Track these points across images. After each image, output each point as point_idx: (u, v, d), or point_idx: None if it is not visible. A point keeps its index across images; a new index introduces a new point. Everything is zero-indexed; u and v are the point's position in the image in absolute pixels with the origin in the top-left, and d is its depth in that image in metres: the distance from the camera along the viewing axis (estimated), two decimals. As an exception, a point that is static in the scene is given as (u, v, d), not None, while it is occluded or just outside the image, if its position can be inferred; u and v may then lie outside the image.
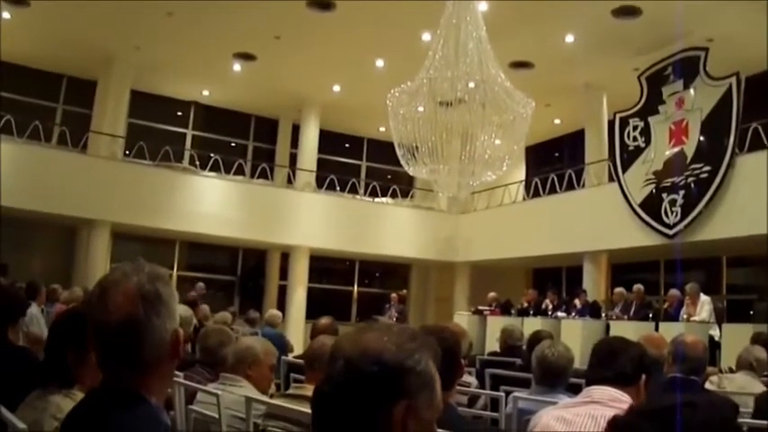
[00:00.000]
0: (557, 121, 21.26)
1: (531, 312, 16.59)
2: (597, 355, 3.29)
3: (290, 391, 4.10)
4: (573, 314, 15.53)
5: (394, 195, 22.82)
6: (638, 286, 14.64)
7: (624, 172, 16.48)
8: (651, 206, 15.67)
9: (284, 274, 21.60)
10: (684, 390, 4.16)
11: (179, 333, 1.86)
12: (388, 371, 1.39)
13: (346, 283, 24.08)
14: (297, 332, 18.25)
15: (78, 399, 2.16)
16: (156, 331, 1.80)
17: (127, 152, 19.69)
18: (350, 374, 1.39)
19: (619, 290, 15.29)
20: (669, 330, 10.41)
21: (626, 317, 14.12)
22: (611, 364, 3.16)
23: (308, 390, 3.74)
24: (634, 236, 16.10)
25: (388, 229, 21.22)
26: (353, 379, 1.39)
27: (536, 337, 6.75)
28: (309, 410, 1.48)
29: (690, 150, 15.02)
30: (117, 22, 16.27)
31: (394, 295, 19.51)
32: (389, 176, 23.65)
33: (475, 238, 21.09)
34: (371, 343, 1.43)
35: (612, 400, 2.98)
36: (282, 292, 21.43)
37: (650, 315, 13.73)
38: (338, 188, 22.00)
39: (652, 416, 1.42)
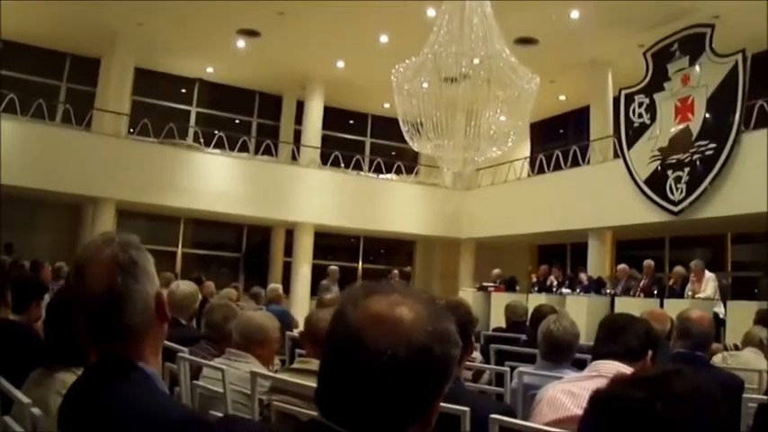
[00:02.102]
0: (562, 98, 21.19)
1: (537, 289, 16.62)
2: (604, 329, 3.29)
3: (295, 365, 4.10)
4: (578, 290, 15.55)
5: (398, 172, 22.85)
6: (648, 262, 14.67)
7: (629, 149, 16.45)
8: (656, 183, 15.66)
9: (289, 250, 21.64)
10: (690, 365, 4.16)
11: (161, 295, 1.87)
12: (442, 365, 1.31)
13: (351, 259, 24.11)
14: (302, 308, 18.26)
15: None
16: (137, 297, 1.81)
17: (131, 130, 19.67)
18: (396, 374, 1.27)
19: (622, 266, 15.34)
20: (674, 307, 10.41)
21: (635, 293, 14.14)
22: (619, 339, 3.17)
23: (312, 364, 3.74)
24: (639, 213, 16.10)
25: (393, 206, 21.23)
26: (401, 379, 1.27)
27: (539, 313, 6.72)
28: (314, 384, 1.41)
29: (695, 127, 14.99)
30: (120, -1, 16.22)
31: (395, 272, 19.48)
32: (394, 153, 23.64)
33: (479, 215, 21.10)
34: (417, 337, 1.29)
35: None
36: (287, 269, 21.47)
37: (655, 292, 13.74)
38: (342, 165, 21.99)
39: (638, 384, 1.38)
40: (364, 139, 24.82)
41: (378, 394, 1.27)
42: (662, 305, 11.97)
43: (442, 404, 1.37)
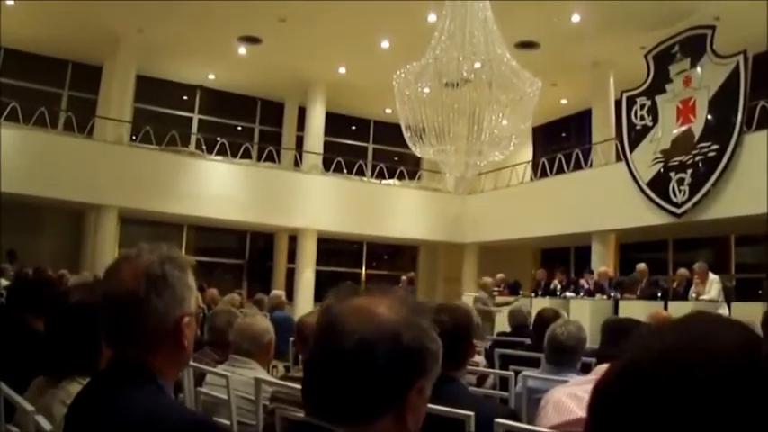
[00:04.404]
0: (563, 101, 21.20)
1: (540, 292, 16.60)
2: (608, 333, 3.29)
3: (292, 373, 4.10)
4: (581, 294, 15.54)
5: (401, 177, 22.84)
6: (641, 265, 14.69)
7: (632, 151, 16.45)
8: (659, 185, 15.65)
9: (292, 256, 21.64)
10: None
11: (184, 321, 1.85)
12: (413, 353, 1.34)
13: (354, 264, 24.12)
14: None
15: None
16: (153, 310, 1.81)
17: (133, 137, 19.69)
18: (365, 356, 1.31)
19: (603, 269, 15.69)
20: (678, 309, 10.43)
21: (634, 296, 14.13)
22: (623, 342, 3.15)
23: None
24: (642, 215, 16.09)
25: (396, 211, 21.24)
26: (370, 361, 1.31)
27: (542, 316, 6.71)
28: None
29: (697, 129, 14.99)
30: (121, 6, 16.17)
31: (404, 277, 19.53)
32: (396, 158, 23.65)
33: (482, 219, 21.09)
34: (388, 322, 1.35)
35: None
36: (291, 275, 21.47)
37: (659, 294, 13.72)
38: (345, 170, 22.01)
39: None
40: (367, 145, 24.83)
41: (347, 378, 1.31)
42: (666, 307, 11.95)
43: (445, 408, 1.37)
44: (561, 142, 22.74)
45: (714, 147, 14.49)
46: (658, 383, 0.93)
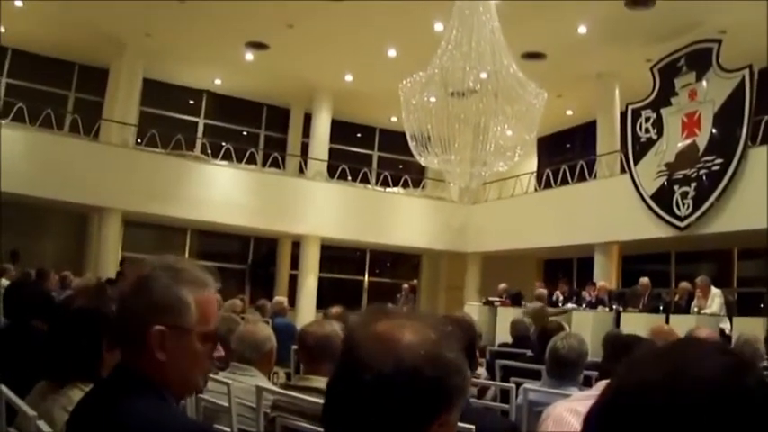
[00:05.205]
0: (569, 112, 21.20)
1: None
2: (610, 348, 3.29)
3: (295, 382, 4.10)
4: (584, 306, 15.52)
5: (405, 185, 22.85)
6: (644, 279, 14.69)
7: (636, 163, 16.44)
8: (663, 198, 15.64)
9: (295, 262, 21.64)
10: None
11: (155, 329, 1.77)
12: (433, 390, 1.28)
13: (357, 272, 24.12)
14: (308, 321, 18.19)
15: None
16: (129, 310, 1.83)
17: (139, 140, 19.73)
18: (383, 390, 1.25)
19: (602, 283, 15.73)
20: (680, 323, 10.40)
21: (636, 309, 14.12)
22: (625, 358, 3.15)
23: (310, 380, 3.74)
24: (645, 227, 16.07)
25: (400, 219, 21.24)
26: (388, 396, 1.25)
27: (545, 328, 6.71)
28: (317, 401, 1.41)
29: (702, 142, 14.98)
30: (128, 9, 16.20)
31: (406, 285, 19.57)
32: (401, 166, 23.64)
33: (486, 229, 21.08)
34: (409, 356, 1.28)
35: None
36: (293, 281, 21.46)
37: (661, 307, 13.71)
38: (350, 178, 21.99)
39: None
40: (371, 153, 24.85)
41: (365, 411, 1.27)
42: (667, 321, 11.92)
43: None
44: (566, 153, 22.73)
45: (718, 160, 14.48)
46: (644, 412, 0.96)
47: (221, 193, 18.93)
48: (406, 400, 1.26)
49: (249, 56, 19.03)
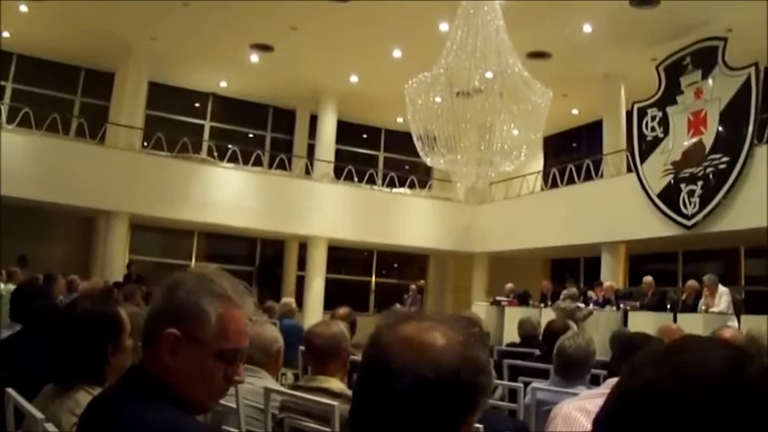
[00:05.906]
0: (574, 112, 21.17)
1: (549, 303, 16.56)
2: (619, 348, 3.28)
3: (304, 383, 4.10)
4: (591, 305, 15.50)
5: (412, 186, 22.83)
6: (647, 278, 14.72)
7: (642, 162, 16.43)
8: (669, 197, 15.62)
9: (302, 264, 21.67)
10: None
11: (165, 332, 1.75)
12: (469, 392, 1.28)
13: (364, 273, 24.15)
14: (315, 322, 18.25)
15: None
16: (149, 310, 1.84)
17: (145, 143, 19.73)
18: (422, 395, 1.25)
19: (608, 283, 15.72)
20: (687, 321, 10.40)
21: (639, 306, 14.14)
22: (634, 356, 3.15)
23: (317, 380, 3.75)
24: (652, 226, 16.06)
25: (406, 220, 21.22)
26: (426, 401, 1.25)
27: (552, 327, 6.70)
28: (325, 401, 1.40)
29: (708, 141, 14.96)
30: (134, 13, 16.24)
31: (413, 286, 19.57)
32: (407, 167, 23.67)
33: (493, 229, 21.07)
34: (445, 358, 1.27)
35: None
36: (300, 283, 21.49)
37: (668, 306, 13.69)
38: (356, 179, 22.03)
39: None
40: (377, 153, 24.87)
41: (400, 417, 1.25)
42: (675, 319, 11.90)
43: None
44: (572, 153, 22.70)
45: (725, 159, 14.46)
46: (651, 411, 0.97)
47: (228, 195, 18.94)
48: (443, 404, 1.26)
49: (254, 58, 19.04)
